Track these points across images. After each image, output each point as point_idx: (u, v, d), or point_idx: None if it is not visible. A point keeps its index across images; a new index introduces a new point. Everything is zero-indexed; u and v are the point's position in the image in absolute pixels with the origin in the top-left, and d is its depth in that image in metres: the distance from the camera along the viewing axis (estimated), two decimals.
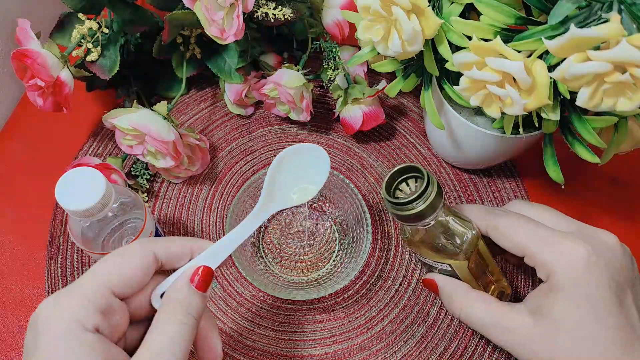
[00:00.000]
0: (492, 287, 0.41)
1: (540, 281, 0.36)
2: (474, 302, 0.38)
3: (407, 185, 0.38)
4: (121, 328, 0.29)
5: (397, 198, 0.37)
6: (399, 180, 0.38)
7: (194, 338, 0.29)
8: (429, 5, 0.38)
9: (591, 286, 0.33)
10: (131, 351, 0.28)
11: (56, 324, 0.26)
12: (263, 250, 0.51)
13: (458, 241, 0.38)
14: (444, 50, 0.41)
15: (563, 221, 0.37)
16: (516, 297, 0.49)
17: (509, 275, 0.50)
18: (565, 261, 0.34)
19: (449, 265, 0.39)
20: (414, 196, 0.36)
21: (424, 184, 0.36)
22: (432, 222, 0.37)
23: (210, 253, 0.32)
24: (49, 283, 0.48)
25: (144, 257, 0.29)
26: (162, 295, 0.31)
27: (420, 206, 0.35)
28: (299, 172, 0.41)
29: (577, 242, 0.34)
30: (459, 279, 0.40)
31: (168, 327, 0.28)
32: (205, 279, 0.31)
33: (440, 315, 0.48)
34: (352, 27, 0.49)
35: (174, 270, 0.32)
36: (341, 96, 0.54)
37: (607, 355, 0.32)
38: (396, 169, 0.38)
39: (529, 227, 0.36)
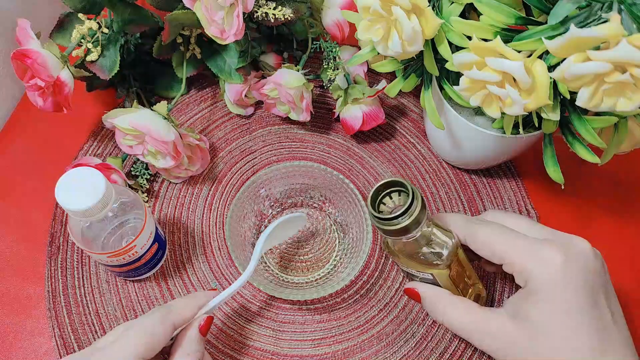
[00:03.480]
0: (470, 290, 0.42)
1: (518, 287, 0.37)
2: (456, 309, 0.39)
3: (391, 198, 0.38)
4: None
5: (381, 212, 0.37)
6: (383, 194, 0.39)
7: None
8: (429, 5, 0.38)
9: (568, 290, 0.34)
10: None
11: None
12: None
13: (440, 251, 0.38)
14: (444, 50, 0.41)
15: (538, 228, 0.39)
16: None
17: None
18: (543, 267, 0.35)
19: (431, 274, 0.39)
20: (400, 212, 0.36)
21: (409, 200, 0.36)
22: (417, 235, 0.37)
23: (209, 307, 0.39)
24: (49, 283, 0.48)
25: (166, 331, 0.36)
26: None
27: (405, 221, 0.36)
28: (282, 234, 0.48)
29: (553, 248, 0.35)
30: (439, 286, 0.41)
31: None
32: (208, 325, 0.38)
33: None
34: (352, 27, 0.49)
35: None
36: (341, 96, 0.54)
37: (583, 356, 0.34)
38: (380, 183, 0.38)
39: (507, 236, 0.38)
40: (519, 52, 0.36)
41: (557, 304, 0.34)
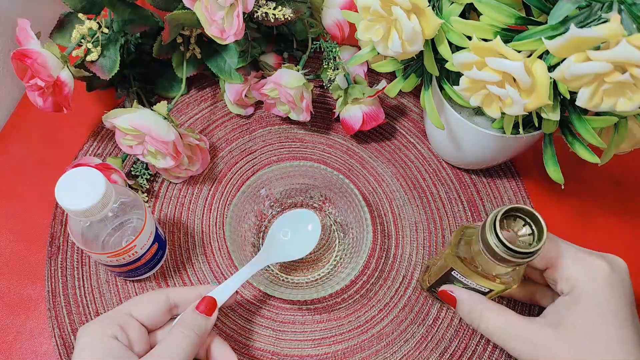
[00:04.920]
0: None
1: (554, 296, 0.38)
2: (494, 315, 0.39)
3: (502, 222, 0.36)
4: (139, 344, 0.36)
5: (501, 241, 0.34)
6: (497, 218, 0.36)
7: (195, 349, 0.36)
8: (429, 5, 0.38)
9: (612, 301, 0.36)
10: None
11: (86, 335, 0.35)
12: None
13: (518, 272, 0.38)
14: (444, 50, 0.41)
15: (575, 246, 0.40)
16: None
17: None
18: (591, 276, 0.36)
19: (487, 287, 0.39)
20: (538, 247, 0.34)
21: (544, 235, 0.34)
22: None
23: (215, 292, 0.40)
24: (49, 283, 0.48)
25: (156, 293, 0.38)
26: None
27: (532, 255, 0.35)
28: (294, 235, 0.48)
29: (600, 259, 0.37)
30: (484, 294, 0.40)
31: (171, 337, 0.36)
32: (205, 304, 0.38)
33: (440, 315, 0.48)
34: (352, 27, 0.49)
35: None
36: (341, 96, 0.54)
37: None
38: (506, 208, 0.36)
39: (557, 242, 0.39)
40: (519, 52, 0.36)
41: (603, 314, 0.35)
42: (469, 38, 0.38)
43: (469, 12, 0.43)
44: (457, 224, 0.53)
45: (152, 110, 0.48)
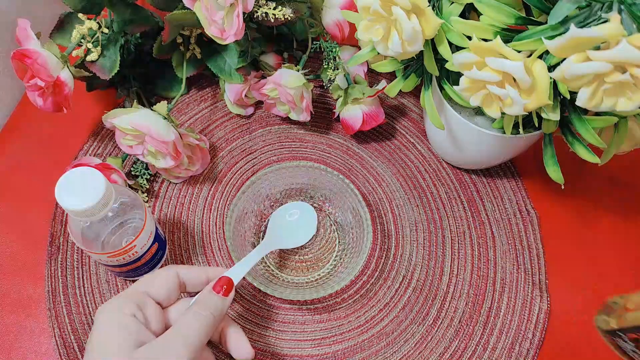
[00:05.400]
0: None
1: None
2: None
3: None
4: (156, 323, 0.36)
5: None
6: None
7: (210, 331, 0.36)
8: (429, 5, 0.38)
9: None
10: None
11: (104, 312, 0.35)
12: None
13: None
14: (444, 50, 0.41)
15: None
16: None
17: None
18: None
19: None
20: None
21: None
22: None
23: (228, 273, 0.40)
24: (49, 283, 0.48)
25: (168, 271, 0.38)
26: None
27: None
28: (293, 225, 0.50)
29: None
30: None
31: (187, 318, 0.35)
32: (222, 284, 0.38)
33: (440, 315, 0.48)
34: (352, 27, 0.49)
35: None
36: (341, 96, 0.54)
37: None
38: None
39: None
40: (519, 52, 0.36)
41: None
42: (469, 38, 0.38)
43: (469, 12, 0.43)
44: (457, 224, 0.53)
45: (152, 110, 0.48)
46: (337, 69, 0.53)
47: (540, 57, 0.36)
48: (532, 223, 0.53)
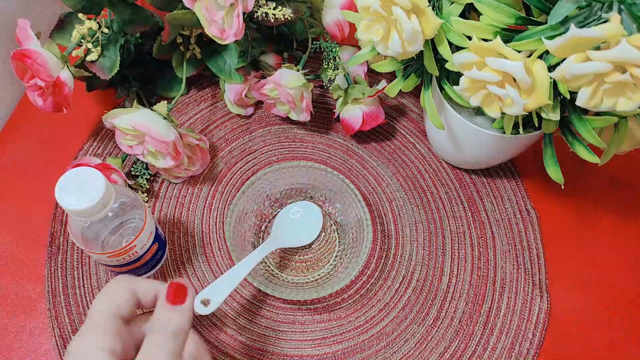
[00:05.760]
0: None
1: None
2: None
3: None
4: (129, 349, 0.31)
5: None
6: None
7: (179, 351, 0.30)
8: (429, 5, 0.38)
9: None
10: None
11: (82, 347, 0.29)
12: None
13: None
14: (444, 50, 0.41)
15: None
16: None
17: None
18: None
19: None
20: None
21: None
22: None
23: (227, 276, 0.40)
24: (49, 283, 0.48)
25: (126, 290, 0.32)
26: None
27: None
28: (297, 224, 0.51)
29: None
30: None
31: (146, 349, 0.30)
32: (175, 292, 0.32)
33: (440, 315, 0.48)
34: (352, 27, 0.49)
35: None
36: (341, 96, 0.54)
37: None
38: None
39: None
40: (519, 52, 0.36)
41: None
42: (469, 38, 0.38)
43: (469, 12, 0.43)
44: (457, 224, 0.53)
45: (152, 110, 0.48)
46: (337, 69, 0.53)
47: (540, 57, 0.36)
48: (532, 223, 0.53)
